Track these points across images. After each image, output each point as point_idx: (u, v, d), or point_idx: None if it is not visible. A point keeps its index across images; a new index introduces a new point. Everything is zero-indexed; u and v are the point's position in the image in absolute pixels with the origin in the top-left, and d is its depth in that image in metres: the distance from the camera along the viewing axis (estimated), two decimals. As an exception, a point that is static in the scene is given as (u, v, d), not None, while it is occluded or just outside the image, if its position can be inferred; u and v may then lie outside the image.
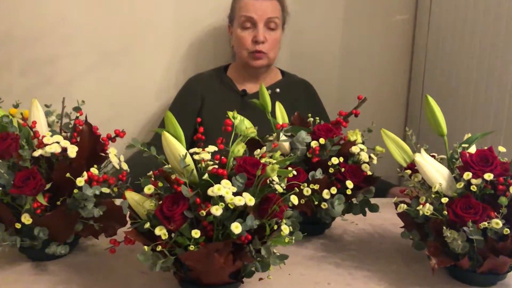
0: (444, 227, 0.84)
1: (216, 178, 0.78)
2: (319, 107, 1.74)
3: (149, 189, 0.79)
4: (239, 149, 0.89)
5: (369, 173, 1.07)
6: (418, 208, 0.86)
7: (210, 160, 0.84)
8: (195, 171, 0.81)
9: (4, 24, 1.83)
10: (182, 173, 0.78)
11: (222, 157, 0.82)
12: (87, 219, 0.96)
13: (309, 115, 1.17)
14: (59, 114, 1.06)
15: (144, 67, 1.92)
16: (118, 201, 0.89)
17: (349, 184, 1.02)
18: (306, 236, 1.14)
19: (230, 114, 0.98)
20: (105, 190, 0.97)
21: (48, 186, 0.89)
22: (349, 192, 1.02)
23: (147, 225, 0.77)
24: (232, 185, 0.77)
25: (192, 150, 0.86)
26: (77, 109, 1.01)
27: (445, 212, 0.84)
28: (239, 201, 0.74)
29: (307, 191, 1.01)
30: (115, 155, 1.00)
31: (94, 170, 0.94)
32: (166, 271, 0.81)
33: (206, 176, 0.76)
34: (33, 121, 0.94)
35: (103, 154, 0.99)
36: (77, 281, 0.90)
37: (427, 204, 0.86)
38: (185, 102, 1.68)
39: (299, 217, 1.03)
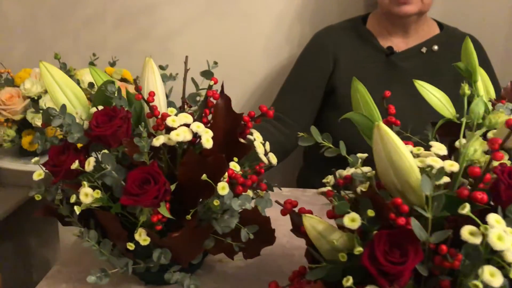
0: None
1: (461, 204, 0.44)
2: (490, 72, 1.31)
3: (353, 220, 0.46)
4: (477, 148, 0.54)
5: None
6: None
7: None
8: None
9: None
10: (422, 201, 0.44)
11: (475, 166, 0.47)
12: (220, 235, 0.66)
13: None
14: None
15: (255, 18, 1.58)
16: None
17: None
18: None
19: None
20: (248, 193, 0.66)
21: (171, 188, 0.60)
22: None
23: (347, 281, 0.45)
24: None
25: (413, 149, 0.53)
26: (207, 74, 0.69)
27: None
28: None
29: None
30: (262, 143, 0.69)
31: (235, 166, 0.63)
32: None
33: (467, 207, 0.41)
34: (150, 91, 0.64)
35: (243, 141, 0.68)
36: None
37: None
38: (313, 63, 1.32)
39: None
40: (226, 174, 0.61)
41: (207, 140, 0.60)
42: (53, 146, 0.63)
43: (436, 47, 1.28)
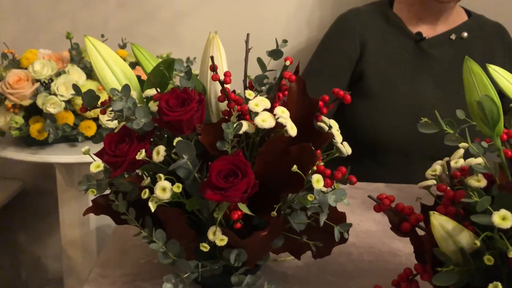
0: None
1: None
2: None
3: (504, 218, 0.40)
4: None
5: None
6: None
7: None
8: None
9: None
10: None
11: None
12: (294, 232, 0.60)
13: None
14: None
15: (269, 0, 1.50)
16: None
17: None
18: None
19: None
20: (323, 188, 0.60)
21: (251, 183, 0.53)
22: None
23: None
24: None
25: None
26: (276, 53, 0.62)
27: None
28: None
29: None
30: (338, 130, 0.62)
31: (315, 157, 0.56)
32: None
33: None
34: (226, 72, 0.56)
35: (319, 129, 0.61)
36: None
37: None
38: (338, 47, 1.25)
39: None
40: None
41: (291, 127, 0.53)
42: (108, 134, 0.54)
43: (465, 34, 1.24)
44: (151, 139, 0.57)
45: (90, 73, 1.10)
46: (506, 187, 0.43)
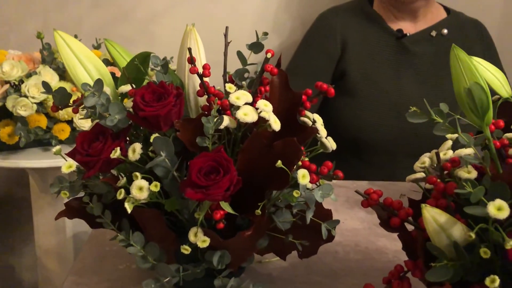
0: None
1: None
2: (497, 58, 1.29)
3: (499, 208, 0.38)
4: None
5: None
6: None
7: None
8: None
9: None
10: None
11: None
12: (279, 231, 0.57)
13: None
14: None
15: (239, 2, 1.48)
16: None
17: None
18: None
19: None
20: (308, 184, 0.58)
21: (234, 180, 0.50)
22: None
23: (492, 282, 0.38)
24: None
25: None
26: (256, 47, 0.59)
27: None
28: None
29: None
30: (322, 124, 0.60)
31: (299, 152, 0.54)
32: None
33: None
34: (205, 64, 0.53)
35: (303, 124, 0.59)
36: None
37: None
38: (319, 46, 1.23)
39: None
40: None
41: (275, 121, 0.51)
42: (81, 133, 0.51)
43: (445, 31, 1.24)
44: (127, 138, 0.54)
45: (63, 74, 1.06)
46: (498, 177, 0.41)
